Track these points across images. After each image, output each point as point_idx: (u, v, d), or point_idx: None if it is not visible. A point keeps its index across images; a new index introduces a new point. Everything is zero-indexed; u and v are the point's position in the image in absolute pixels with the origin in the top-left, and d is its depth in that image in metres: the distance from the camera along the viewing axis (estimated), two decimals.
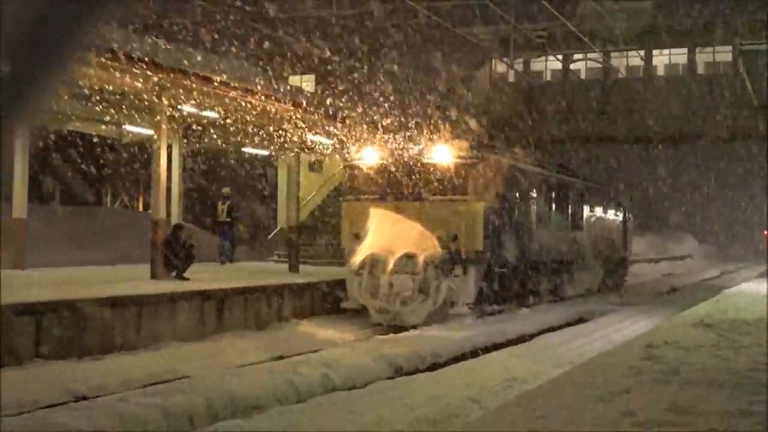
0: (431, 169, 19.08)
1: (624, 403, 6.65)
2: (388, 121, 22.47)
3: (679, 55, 44.20)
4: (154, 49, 17.00)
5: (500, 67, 46.35)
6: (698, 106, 42.15)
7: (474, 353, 15.36)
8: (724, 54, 42.91)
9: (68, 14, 1.16)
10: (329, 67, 37.44)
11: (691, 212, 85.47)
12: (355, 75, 35.39)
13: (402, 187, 19.42)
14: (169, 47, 18.51)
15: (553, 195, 25.11)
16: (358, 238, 19.02)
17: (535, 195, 23.09)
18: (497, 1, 29.69)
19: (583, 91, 44.90)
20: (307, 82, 41.75)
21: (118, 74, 16.57)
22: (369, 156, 19.99)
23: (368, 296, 18.51)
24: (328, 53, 35.70)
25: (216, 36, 31.06)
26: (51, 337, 13.46)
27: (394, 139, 20.12)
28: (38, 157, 22.86)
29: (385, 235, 18.60)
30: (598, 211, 30.51)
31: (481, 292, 19.35)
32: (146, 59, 16.15)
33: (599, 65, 43.90)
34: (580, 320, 21.66)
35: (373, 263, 18.61)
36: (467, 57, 43.61)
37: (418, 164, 19.21)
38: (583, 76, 45.58)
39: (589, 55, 42.85)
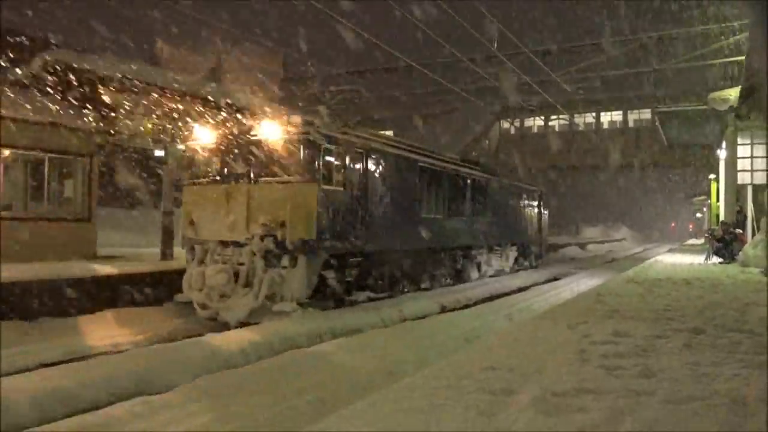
0: (261, 147, 11.03)
1: (583, 330, 6.54)
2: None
3: (617, 115, 44.49)
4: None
5: (504, 125, 47.09)
6: (629, 146, 42.74)
7: (487, 299, 15.03)
8: (646, 114, 43.13)
9: None
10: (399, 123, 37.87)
11: (626, 211, 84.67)
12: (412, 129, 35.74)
13: (232, 169, 11.41)
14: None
15: (444, 185, 16.01)
16: (192, 224, 11.68)
17: (414, 182, 14.30)
18: (503, 84, 29.41)
19: (556, 138, 45.41)
20: (389, 133, 42.27)
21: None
22: (202, 136, 11.94)
23: (195, 289, 10.93)
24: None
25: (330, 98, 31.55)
26: None
27: (225, 116, 12.96)
28: None
29: (214, 221, 11.28)
30: (509, 202, 21.64)
31: (324, 283, 11.28)
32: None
33: (567, 122, 43.73)
34: (555, 279, 21.30)
35: (204, 253, 11.34)
36: (484, 118, 44.22)
37: (248, 143, 11.20)
38: (557, 129, 46.05)
39: (561, 116, 42.81)
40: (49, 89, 13.90)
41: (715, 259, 19.64)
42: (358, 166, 11.92)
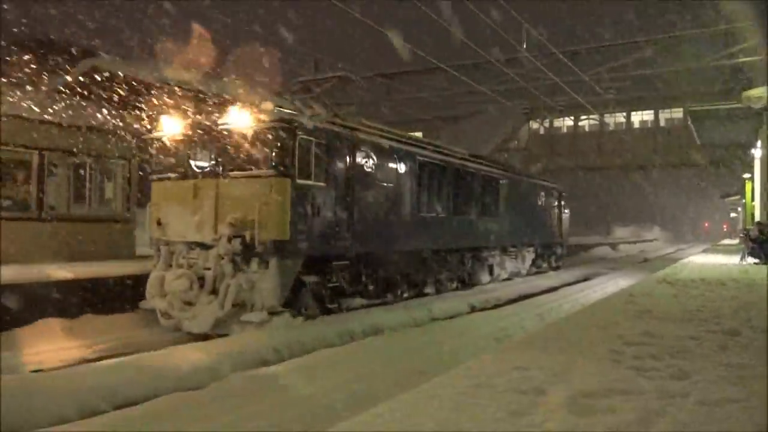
0: (231, 138, 9.53)
1: (615, 330, 6.44)
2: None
3: (648, 114, 43.59)
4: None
5: (534, 125, 46.60)
6: (661, 146, 41.83)
7: (516, 299, 14.73)
8: (678, 113, 42.15)
9: None
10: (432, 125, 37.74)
11: (658, 211, 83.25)
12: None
13: (200, 162, 9.99)
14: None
15: (449, 181, 14.29)
16: (159, 225, 10.22)
17: (412, 178, 12.61)
18: (533, 84, 29.00)
19: (586, 138, 44.74)
20: (418, 134, 42.41)
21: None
22: (169, 126, 10.33)
23: (157, 296, 9.65)
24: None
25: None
26: None
27: (191, 103, 10.32)
28: None
29: (181, 220, 9.88)
30: (524, 200, 19.61)
31: (301, 289, 9.79)
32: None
33: (597, 122, 42.98)
34: (586, 279, 20.99)
35: (170, 255, 9.99)
36: (514, 118, 43.86)
37: (217, 133, 9.71)
38: (586, 129, 45.38)
39: (591, 116, 42.09)
40: (89, 94, 14.24)
41: (751, 260, 19.18)
42: (344, 159, 10.45)
